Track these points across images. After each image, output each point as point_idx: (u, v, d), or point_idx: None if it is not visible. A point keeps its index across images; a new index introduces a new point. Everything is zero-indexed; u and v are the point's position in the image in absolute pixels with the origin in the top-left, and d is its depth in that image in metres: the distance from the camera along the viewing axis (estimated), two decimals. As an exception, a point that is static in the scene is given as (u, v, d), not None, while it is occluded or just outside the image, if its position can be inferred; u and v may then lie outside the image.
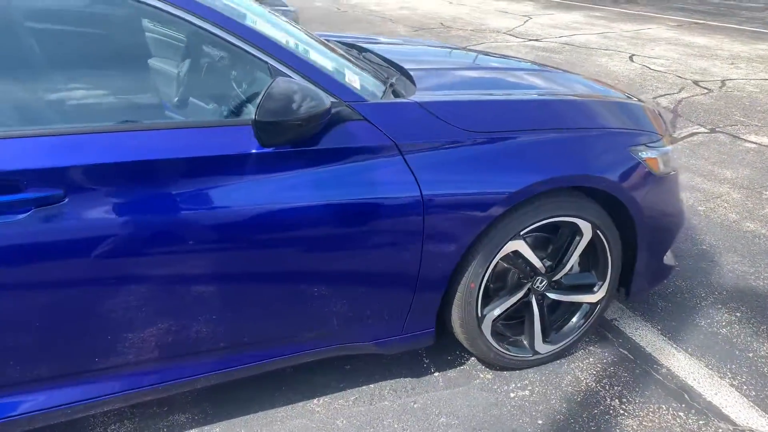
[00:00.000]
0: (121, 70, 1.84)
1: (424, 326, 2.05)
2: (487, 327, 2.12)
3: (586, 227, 2.11)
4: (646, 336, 2.45)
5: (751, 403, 2.11)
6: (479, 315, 2.09)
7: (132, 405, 1.99)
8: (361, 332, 1.98)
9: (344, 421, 2.00)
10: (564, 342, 2.28)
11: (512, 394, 2.14)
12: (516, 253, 2.05)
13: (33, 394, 1.64)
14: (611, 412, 2.07)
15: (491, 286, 2.15)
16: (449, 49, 3.24)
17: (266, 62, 1.67)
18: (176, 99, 1.93)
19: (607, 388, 2.18)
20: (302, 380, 2.16)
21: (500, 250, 2.00)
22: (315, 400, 2.08)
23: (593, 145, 2.07)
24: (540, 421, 2.02)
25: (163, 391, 1.79)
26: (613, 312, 2.60)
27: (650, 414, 2.06)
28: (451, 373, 2.24)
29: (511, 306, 2.16)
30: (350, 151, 1.74)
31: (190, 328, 1.71)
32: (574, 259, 2.17)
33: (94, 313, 1.59)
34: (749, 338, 2.44)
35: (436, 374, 2.23)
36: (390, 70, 2.32)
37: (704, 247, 3.14)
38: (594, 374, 2.24)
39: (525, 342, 2.24)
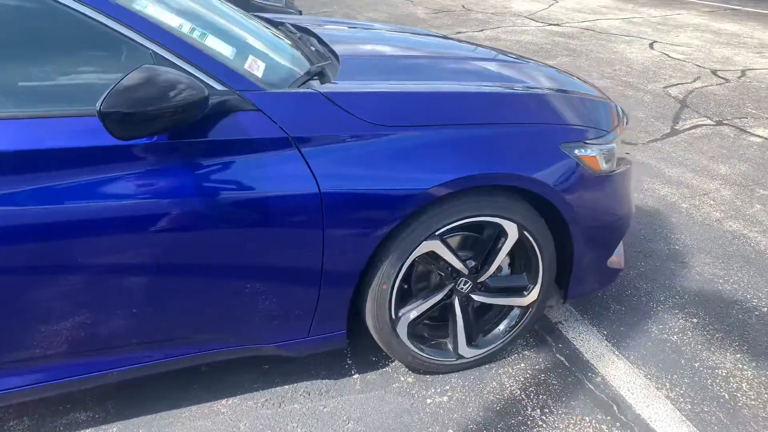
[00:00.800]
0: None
1: (333, 329, 1.97)
2: (402, 329, 2.03)
3: (511, 228, 1.99)
4: (588, 341, 2.32)
5: (683, 417, 1.97)
6: (393, 317, 2.00)
7: (33, 401, 1.96)
8: (263, 334, 1.91)
9: (247, 424, 1.94)
10: (491, 346, 2.17)
11: (429, 400, 2.05)
12: (433, 254, 1.95)
13: None
14: (529, 422, 1.96)
15: (416, 286, 2.06)
16: (429, 38, 3.11)
17: (147, 47, 1.59)
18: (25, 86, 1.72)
19: (531, 396, 2.07)
20: (216, 379, 2.12)
21: (414, 250, 1.90)
22: (223, 401, 2.03)
23: (517, 141, 1.94)
24: (450, 431, 1.93)
25: (54, 389, 1.76)
26: (560, 314, 2.48)
27: (570, 426, 1.95)
28: (371, 376, 2.16)
29: (432, 308, 2.06)
30: (240, 144, 1.66)
31: (66, 329, 1.67)
32: (499, 261, 2.06)
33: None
34: (699, 347, 2.29)
35: (356, 376, 2.15)
36: (327, 59, 2.22)
37: (677, 246, 2.97)
38: (521, 381, 2.13)
39: (449, 345, 2.14)
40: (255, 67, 1.80)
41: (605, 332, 2.37)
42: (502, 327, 2.19)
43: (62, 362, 1.75)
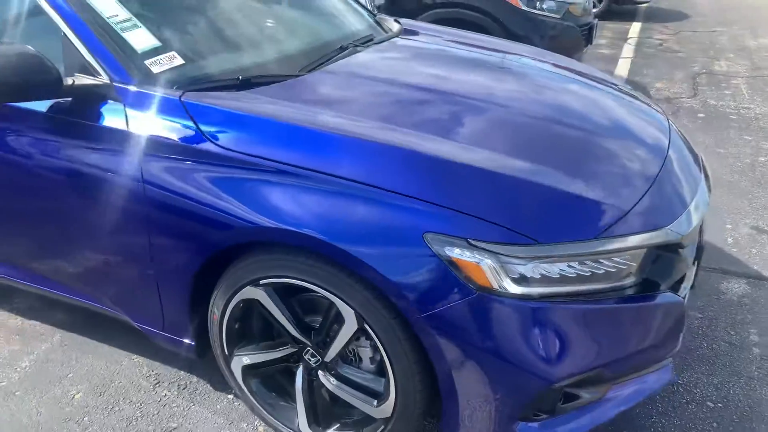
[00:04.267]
0: None
1: (182, 335, 1.91)
2: (237, 369, 1.84)
3: (348, 313, 1.58)
4: None
5: None
6: (225, 352, 1.83)
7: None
8: (124, 307, 2.00)
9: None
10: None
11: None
12: (256, 304, 1.70)
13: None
14: None
15: (257, 332, 1.84)
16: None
17: (60, 28, 1.79)
18: None
19: None
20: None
21: (238, 290, 1.70)
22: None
23: (362, 208, 1.50)
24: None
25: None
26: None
27: None
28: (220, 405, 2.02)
29: (269, 363, 1.81)
30: (91, 127, 1.77)
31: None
32: (338, 347, 1.65)
33: None
34: None
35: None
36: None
37: None
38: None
39: (293, 416, 1.84)
40: (159, 63, 1.82)
41: None
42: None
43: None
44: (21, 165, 1.88)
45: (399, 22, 2.85)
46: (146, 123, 1.71)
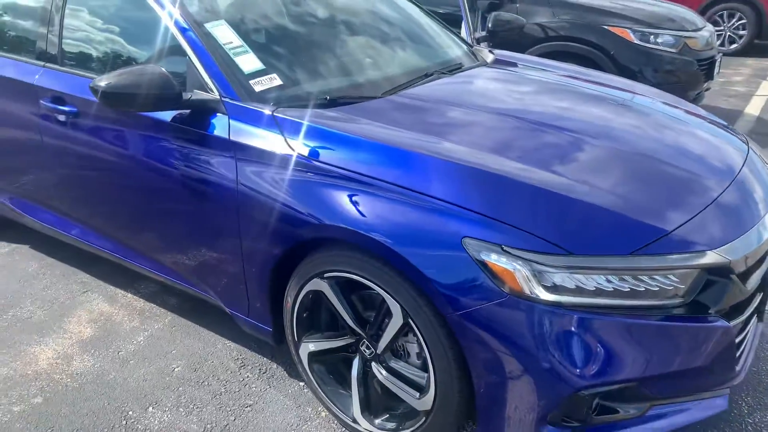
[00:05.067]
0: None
1: (263, 321, 2.17)
2: (304, 354, 2.06)
3: (395, 308, 1.75)
4: None
5: None
6: (295, 337, 2.06)
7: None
8: (217, 291, 2.30)
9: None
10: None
11: (298, 434, 2.03)
12: (321, 295, 1.91)
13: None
14: None
15: (324, 322, 2.04)
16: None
17: (184, 49, 2.16)
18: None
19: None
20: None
21: (307, 281, 1.93)
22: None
23: (412, 213, 1.67)
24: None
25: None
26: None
27: None
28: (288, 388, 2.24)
29: (330, 351, 2.01)
30: (202, 135, 2.10)
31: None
32: (386, 339, 1.82)
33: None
34: None
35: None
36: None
37: None
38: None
39: (349, 402, 2.01)
40: (261, 83, 2.13)
41: None
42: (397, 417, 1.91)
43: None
44: (145, 163, 2.26)
45: (493, 53, 3.01)
46: (244, 132, 2.01)
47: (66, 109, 2.46)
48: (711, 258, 1.61)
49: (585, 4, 4.69)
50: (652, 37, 4.44)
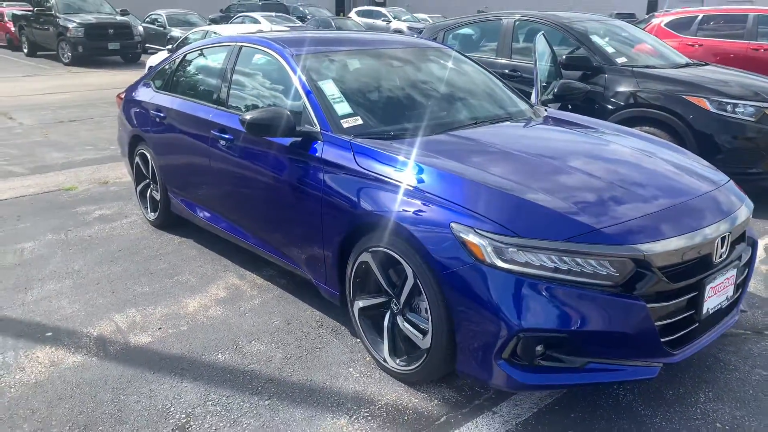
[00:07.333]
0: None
1: (334, 287, 3.05)
2: (356, 310, 2.89)
3: (409, 272, 2.56)
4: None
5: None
6: (351, 297, 2.91)
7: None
8: (306, 266, 3.23)
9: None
10: (408, 367, 2.68)
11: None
12: (368, 264, 2.75)
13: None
14: None
15: (370, 286, 2.86)
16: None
17: (302, 98, 3.21)
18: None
19: (375, 404, 2.55)
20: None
21: (359, 255, 2.79)
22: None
23: (425, 207, 2.49)
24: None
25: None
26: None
27: None
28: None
29: (372, 308, 2.83)
30: (308, 155, 3.09)
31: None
32: (404, 295, 2.62)
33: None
34: None
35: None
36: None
37: None
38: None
39: (382, 346, 2.79)
40: (348, 122, 3.09)
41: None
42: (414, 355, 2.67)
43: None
44: (267, 174, 3.32)
45: (546, 111, 3.75)
46: (329, 152, 2.98)
47: (226, 136, 3.62)
48: (626, 251, 2.24)
49: (667, 76, 5.23)
50: (729, 106, 4.83)
